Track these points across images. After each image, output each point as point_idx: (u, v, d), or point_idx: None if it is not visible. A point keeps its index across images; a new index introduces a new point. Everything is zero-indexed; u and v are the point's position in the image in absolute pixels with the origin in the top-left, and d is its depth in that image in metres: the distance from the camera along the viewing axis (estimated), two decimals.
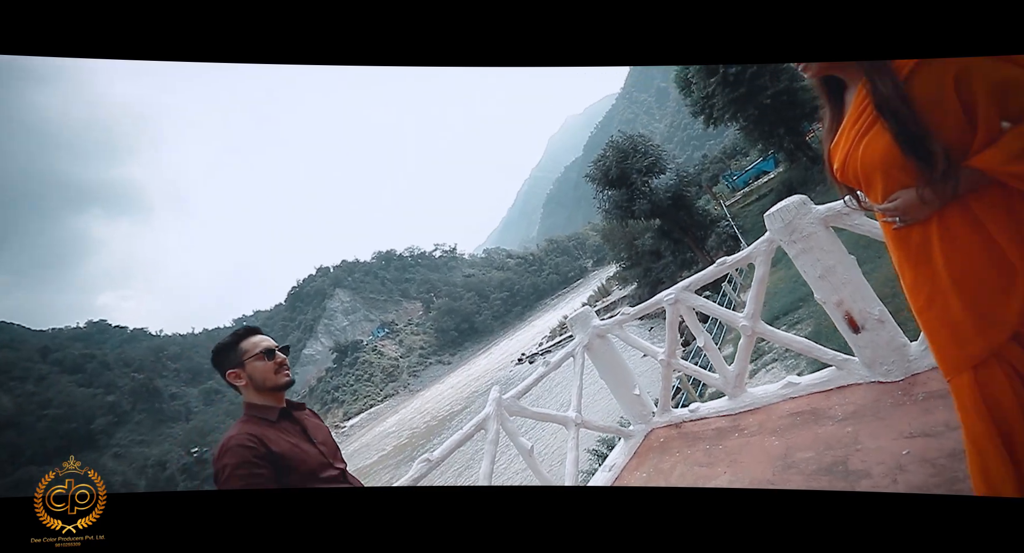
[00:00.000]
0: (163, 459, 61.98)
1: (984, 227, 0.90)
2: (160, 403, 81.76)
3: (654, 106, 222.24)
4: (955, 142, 0.89)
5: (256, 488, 1.19)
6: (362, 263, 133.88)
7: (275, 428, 1.30)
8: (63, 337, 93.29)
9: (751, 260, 2.51)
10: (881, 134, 0.94)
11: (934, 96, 0.90)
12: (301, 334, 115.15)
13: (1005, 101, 0.86)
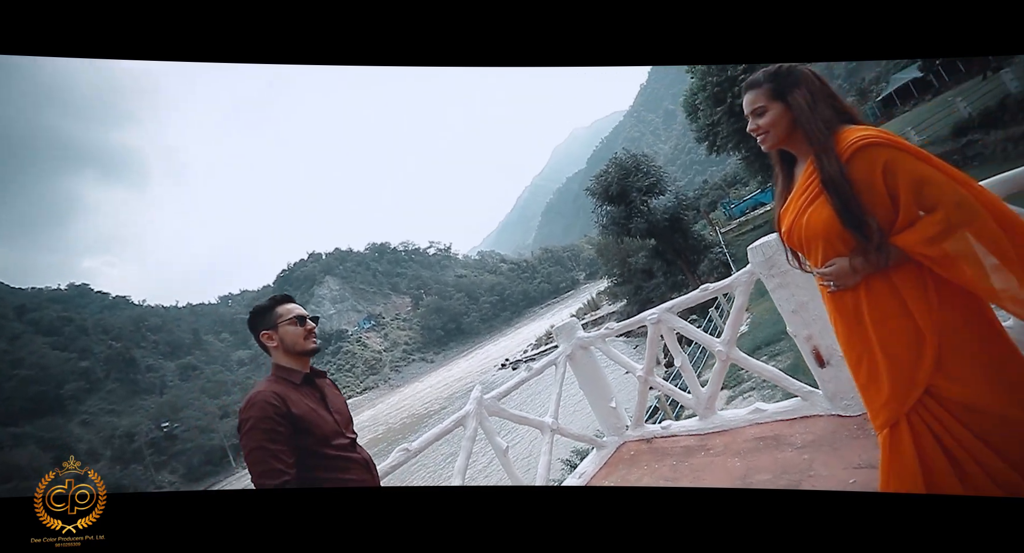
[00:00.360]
0: (132, 431, 60.93)
1: (902, 297, 1.05)
2: (135, 374, 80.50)
3: (661, 127, 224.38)
4: (883, 221, 1.03)
5: (266, 444, 1.27)
6: (355, 253, 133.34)
7: (297, 391, 1.39)
8: (42, 298, 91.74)
9: (732, 289, 2.65)
10: (824, 206, 1.08)
11: (868, 179, 1.02)
12: None
13: (920, 193, 1.00)
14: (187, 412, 67.13)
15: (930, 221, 1.00)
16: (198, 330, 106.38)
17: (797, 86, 1.14)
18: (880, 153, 1.03)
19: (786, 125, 1.16)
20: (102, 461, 57.72)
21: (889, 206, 1.04)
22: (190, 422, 65.28)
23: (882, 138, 1.04)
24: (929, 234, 0.99)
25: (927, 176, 1.01)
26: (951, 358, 1.02)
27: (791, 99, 1.14)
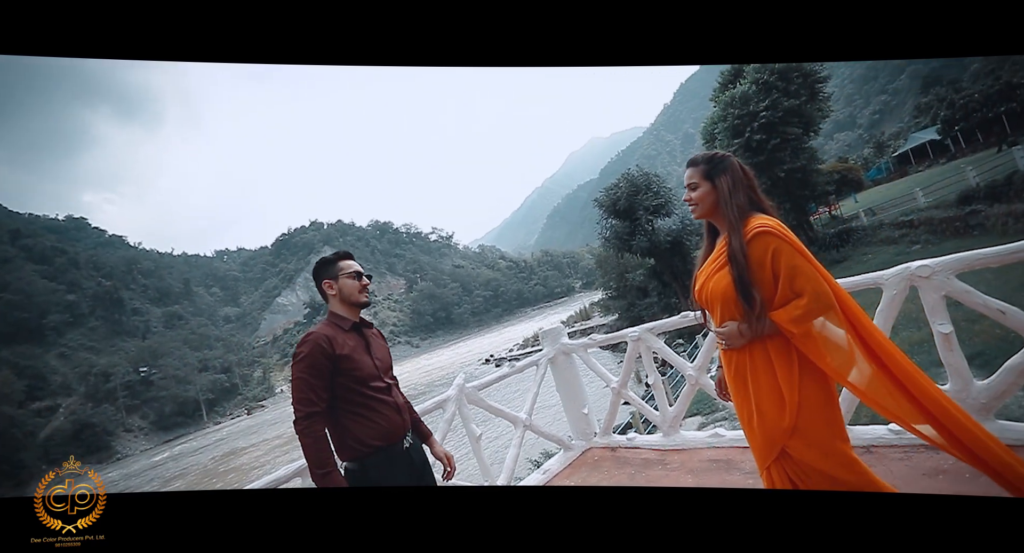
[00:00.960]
0: (109, 371, 60.74)
1: (772, 364, 1.29)
2: (120, 315, 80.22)
3: (678, 149, 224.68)
4: (766, 297, 1.25)
5: (313, 379, 1.51)
6: (356, 227, 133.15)
7: (345, 335, 1.62)
8: (38, 225, 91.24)
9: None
10: (726, 275, 1.32)
11: (760, 260, 1.25)
12: (279, 282, 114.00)
13: (793, 280, 1.24)
14: (167, 360, 66.93)
15: (796, 304, 1.23)
16: (190, 281, 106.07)
17: (724, 173, 1.38)
18: (771, 241, 1.26)
19: (711, 202, 1.39)
20: (74, 396, 57.57)
21: (772, 285, 1.26)
22: (168, 371, 65.10)
23: (776, 230, 1.27)
24: (794, 315, 1.23)
25: (800, 267, 1.24)
26: (807, 424, 1.25)
27: (717, 182, 1.38)
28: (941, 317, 1.98)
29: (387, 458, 1.60)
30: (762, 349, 1.29)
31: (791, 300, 1.24)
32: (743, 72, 21.32)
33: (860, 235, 20.37)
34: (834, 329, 1.22)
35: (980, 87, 37.95)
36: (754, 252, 1.27)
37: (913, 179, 33.67)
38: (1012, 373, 1.87)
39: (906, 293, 2.07)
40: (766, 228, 1.28)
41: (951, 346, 1.98)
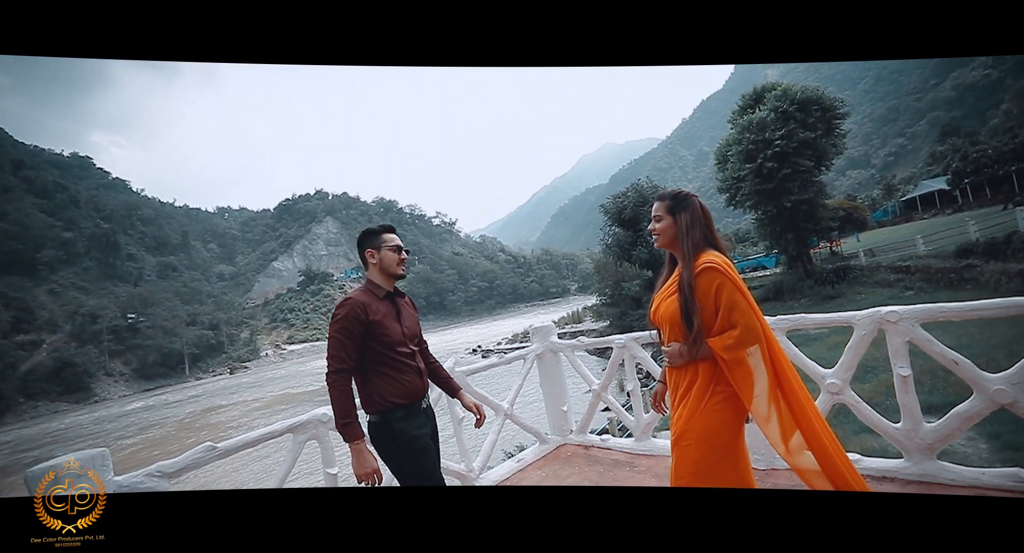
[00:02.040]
0: (97, 313, 60.55)
1: (704, 383, 1.48)
2: (115, 258, 79.91)
3: (690, 165, 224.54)
4: (707, 325, 1.44)
5: (347, 339, 1.69)
6: (361, 202, 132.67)
7: (379, 303, 1.80)
8: (42, 158, 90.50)
9: None
10: (675, 301, 1.51)
11: (705, 291, 1.44)
12: (277, 246, 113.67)
13: (730, 312, 1.42)
14: (156, 310, 66.75)
15: (730, 334, 1.42)
16: (188, 234, 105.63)
17: (685, 211, 1.56)
18: (716, 276, 1.45)
19: (671, 235, 1.59)
20: (59, 333, 57.45)
21: (712, 315, 1.45)
22: (156, 320, 64.94)
23: (721, 267, 1.44)
24: (726, 344, 1.42)
25: (737, 303, 1.43)
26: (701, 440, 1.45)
27: (678, 218, 1.57)
28: (902, 361, 2.15)
29: (406, 414, 1.78)
30: (694, 369, 1.49)
31: (726, 330, 1.43)
32: (763, 98, 21.39)
33: (857, 274, 20.58)
34: (759, 363, 1.41)
35: (996, 143, 38.20)
36: (700, 284, 1.46)
37: (916, 225, 33.93)
38: (958, 419, 2.05)
39: (874, 334, 2.24)
40: (713, 264, 1.46)
41: (907, 388, 2.16)
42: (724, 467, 1.44)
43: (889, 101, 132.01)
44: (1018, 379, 1.86)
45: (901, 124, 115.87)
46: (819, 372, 2.44)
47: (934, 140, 74.24)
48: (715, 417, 1.45)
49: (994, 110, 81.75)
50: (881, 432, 2.27)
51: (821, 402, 2.47)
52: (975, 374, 1.95)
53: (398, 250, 1.88)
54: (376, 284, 1.86)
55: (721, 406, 1.45)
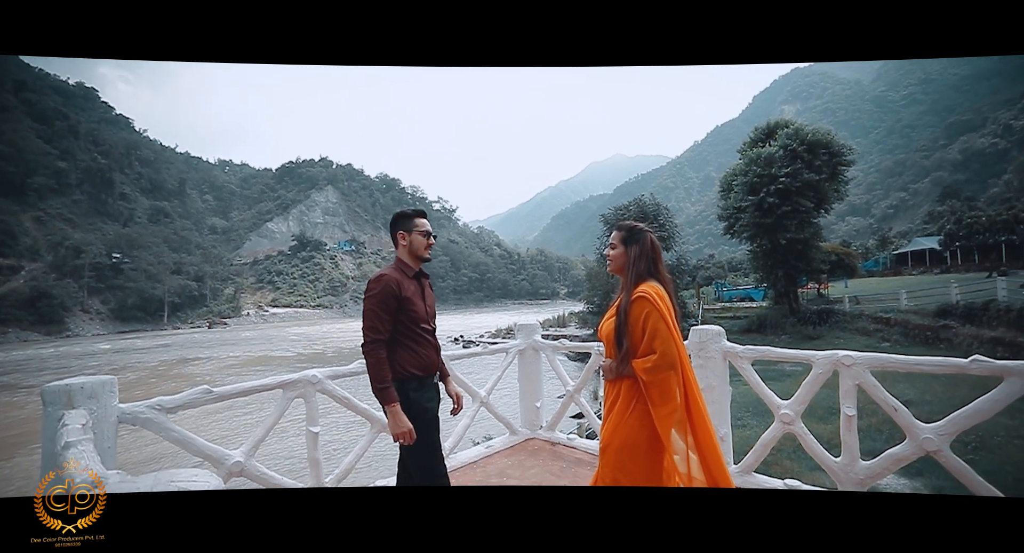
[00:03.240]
0: (81, 247, 59.62)
1: (624, 395, 1.68)
2: (107, 195, 78.66)
3: (695, 188, 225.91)
4: (634, 346, 1.63)
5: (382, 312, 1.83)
6: (364, 175, 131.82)
7: (408, 281, 1.94)
8: (46, 82, 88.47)
9: None
10: (613, 320, 1.71)
11: (636, 317, 1.63)
12: (274, 207, 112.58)
13: (653, 338, 1.60)
14: (142, 253, 65.84)
15: (649, 358, 1.61)
16: (185, 182, 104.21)
17: (636, 244, 1.76)
18: (646, 305, 1.64)
19: (620, 263, 1.80)
20: (39, 262, 56.54)
21: (640, 339, 1.64)
22: (141, 264, 64.06)
23: (652, 297, 1.63)
24: (645, 366, 1.62)
25: (660, 330, 1.61)
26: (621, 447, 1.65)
27: (629, 249, 1.77)
28: (850, 402, 2.36)
29: (421, 386, 1.94)
30: (620, 384, 1.70)
31: (648, 354, 1.62)
32: (775, 134, 21.71)
33: (839, 319, 21.02)
34: (674, 387, 1.60)
35: (991, 211, 39.06)
36: (633, 310, 1.66)
37: (903, 280, 34.68)
38: (889, 460, 2.26)
39: (829, 374, 2.45)
40: (645, 295, 1.65)
41: (851, 427, 2.37)
42: (640, 477, 1.63)
43: (897, 154, 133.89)
44: (945, 430, 2.07)
45: (905, 179, 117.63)
46: (775, 402, 2.65)
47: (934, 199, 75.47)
48: (634, 429, 1.63)
49: (996, 179, 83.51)
50: (821, 463, 2.48)
51: (773, 429, 2.67)
52: (910, 422, 2.16)
53: (427, 235, 2.01)
54: (405, 264, 1.99)
55: (640, 420, 1.63)
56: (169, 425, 2.06)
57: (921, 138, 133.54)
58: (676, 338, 1.64)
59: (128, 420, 1.94)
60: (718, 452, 1.67)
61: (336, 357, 28.48)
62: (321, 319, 75.87)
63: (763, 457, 2.78)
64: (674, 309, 1.69)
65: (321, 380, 2.63)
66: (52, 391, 1.75)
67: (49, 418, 1.71)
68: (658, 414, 1.59)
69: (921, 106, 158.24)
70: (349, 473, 2.71)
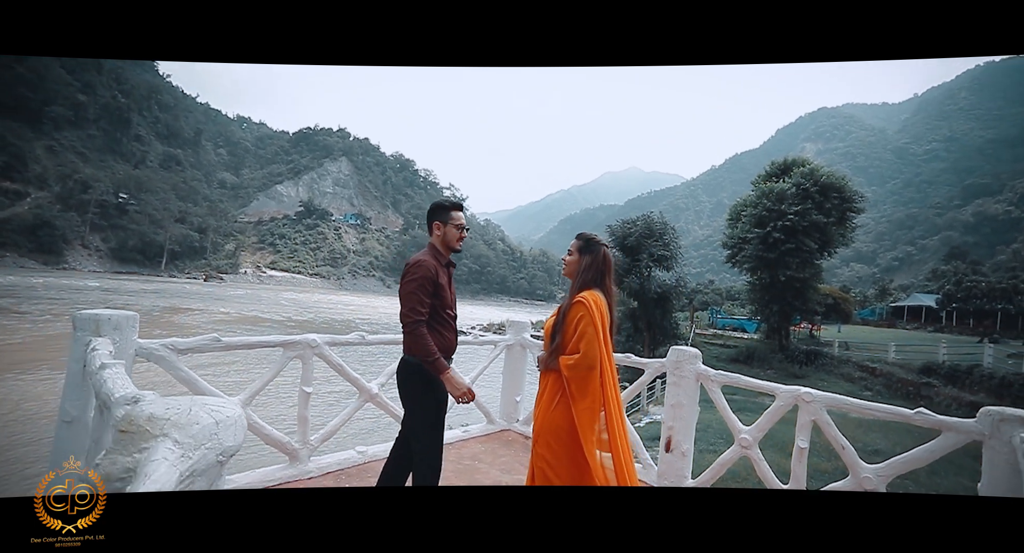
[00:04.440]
0: (90, 183, 59.64)
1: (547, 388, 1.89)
2: (122, 135, 78.55)
3: (705, 213, 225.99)
4: (565, 343, 1.83)
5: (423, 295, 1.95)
6: (379, 152, 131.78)
7: (441, 268, 2.07)
8: None
9: (647, 368, 3.40)
10: (554, 318, 1.93)
11: (572, 318, 1.83)
12: (286, 171, 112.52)
13: (581, 339, 1.79)
14: (148, 197, 65.94)
15: (573, 357, 1.80)
16: (202, 133, 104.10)
17: (590, 254, 1.95)
18: (582, 309, 1.82)
19: (573, 268, 1.97)
20: (46, 191, 56.58)
21: (571, 338, 1.83)
22: (146, 207, 64.18)
23: (587, 303, 1.82)
24: (568, 363, 1.82)
25: (587, 333, 1.79)
26: (549, 433, 1.84)
27: (583, 257, 1.94)
28: (804, 435, 2.54)
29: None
30: (549, 376, 1.90)
31: (574, 353, 1.81)
32: (790, 171, 21.84)
33: (826, 362, 21.23)
34: (592, 385, 1.80)
35: (993, 278, 39.28)
36: (570, 312, 1.85)
37: (896, 333, 34.88)
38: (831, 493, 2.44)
39: (789, 407, 2.63)
40: (584, 300, 1.83)
41: (801, 459, 2.55)
42: (565, 462, 1.81)
43: (911, 208, 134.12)
44: (883, 472, 2.25)
45: (915, 233, 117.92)
46: (737, 427, 2.82)
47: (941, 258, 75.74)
48: (558, 419, 1.81)
49: (1005, 246, 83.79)
50: (769, 488, 2.66)
51: (731, 451, 2.85)
52: (854, 461, 2.34)
53: (461, 229, 2.16)
54: (439, 252, 2.12)
55: (564, 412, 1.81)
56: (179, 365, 2.23)
57: (937, 195, 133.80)
58: (602, 343, 1.81)
59: (144, 355, 2.11)
60: (628, 453, 1.86)
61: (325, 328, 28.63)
62: (316, 288, 76.04)
63: (719, 475, 2.95)
64: (610, 318, 1.89)
65: (320, 345, 2.80)
66: (83, 318, 1.92)
67: (77, 342, 1.88)
68: (576, 408, 1.78)
69: (942, 163, 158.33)
70: (333, 434, 2.89)
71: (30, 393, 9.60)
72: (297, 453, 2.69)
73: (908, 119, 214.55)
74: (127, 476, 0.87)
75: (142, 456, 0.88)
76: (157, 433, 0.91)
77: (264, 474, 2.60)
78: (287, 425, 2.90)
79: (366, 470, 2.90)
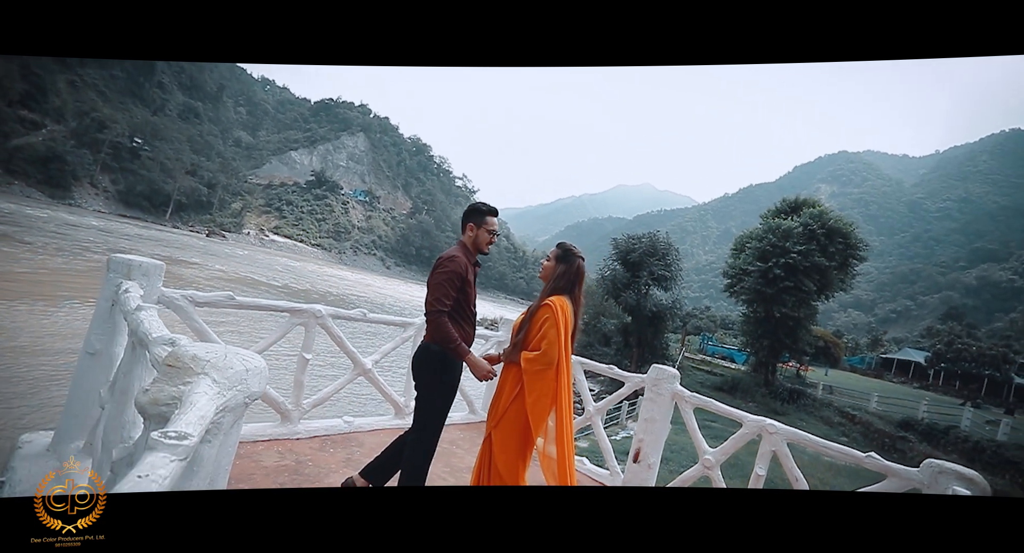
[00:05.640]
0: (106, 123, 59.48)
1: (507, 380, 2.06)
2: (145, 80, 78.42)
3: (712, 238, 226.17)
4: (528, 340, 2.01)
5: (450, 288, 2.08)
6: (398, 133, 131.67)
7: (470, 267, 2.21)
8: None
9: (628, 381, 3.56)
10: (523, 316, 2.12)
11: (538, 319, 2.01)
12: (303, 138, 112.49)
13: (543, 339, 1.96)
14: (163, 145, 65.86)
15: (533, 352, 2.00)
16: (224, 89, 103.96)
17: (566, 263, 2.12)
18: (548, 311, 2.00)
19: (547, 273, 2.16)
20: (62, 125, 56.54)
21: (534, 335, 2.03)
22: (159, 155, 64.09)
23: (554, 307, 2.00)
24: (528, 357, 2.00)
25: (550, 335, 1.97)
26: (504, 423, 2.02)
27: (558, 265, 2.11)
28: (763, 463, 2.70)
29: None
30: (512, 368, 2.06)
31: (535, 351, 1.98)
32: (800, 210, 22.00)
33: (808, 403, 21.43)
34: (546, 382, 1.98)
35: (986, 344, 39.45)
36: (538, 312, 2.04)
37: (881, 384, 35.10)
38: None
39: (753, 436, 2.79)
40: (552, 304, 2.02)
41: (757, 484, 2.71)
42: (514, 445, 2.01)
43: (916, 263, 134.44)
44: None
45: (916, 288, 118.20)
46: (703, 447, 2.98)
47: (938, 316, 75.89)
48: (516, 410, 2.00)
49: (1003, 314, 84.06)
50: None
51: (694, 469, 3.01)
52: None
53: (492, 234, 2.27)
54: (469, 250, 2.25)
55: (521, 403, 1.99)
56: (195, 315, 2.38)
57: (944, 254, 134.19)
58: (562, 346, 1.99)
59: (165, 302, 2.27)
60: (571, 449, 2.04)
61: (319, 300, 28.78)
62: (316, 259, 76.11)
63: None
64: (573, 325, 2.07)
65: (324, 316, 2.96)
66: (118, 261, 2.07)
67: (109, 282, 2.04)
68: (529, 400, 1.96)
69: (953, 223, 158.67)
70: (325, 401, 3.05)
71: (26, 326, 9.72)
72: (289, 414, 2.85)
73: (926, 175, 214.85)
74: (172, 402, 1.02)
75: (186, 388, 1.03)
76: (199, 371, 1.07)
77: (256, 429, 2.76)
78: (280, 387, 3.05)
79: (350, 439, 3.06)
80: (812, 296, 21.11)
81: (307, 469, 2.55)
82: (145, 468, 0.73)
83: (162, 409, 1.03)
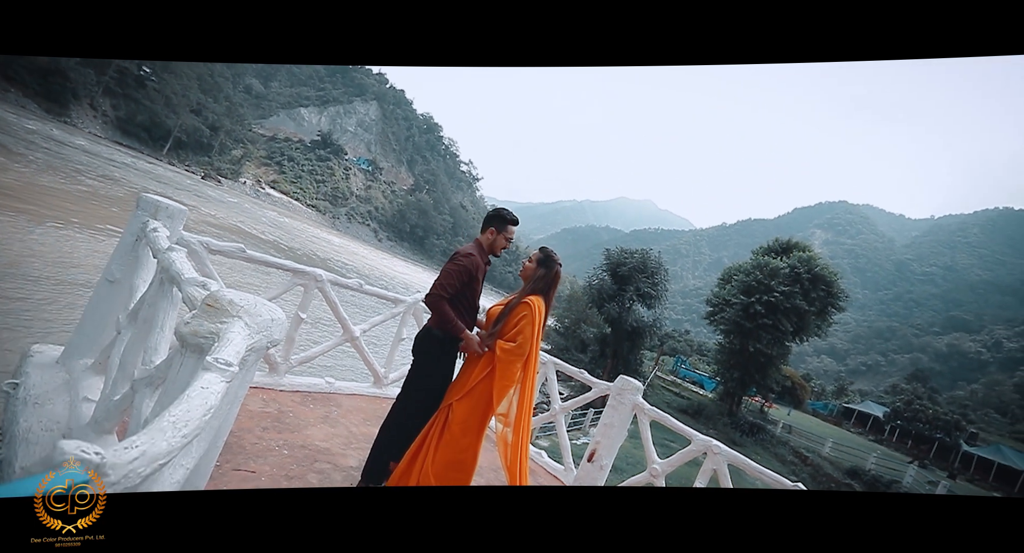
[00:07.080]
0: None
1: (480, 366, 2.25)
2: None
3: (703, 265, 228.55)
4: (504, 330, 2.21)
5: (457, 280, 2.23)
6: (412, 109, 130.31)
7: (481, 264, 2.37)
8: None
9: (595, 387, 3.78)
10: (502, 307, 2.32)
11: (516, 314, 2.22)
12: (315, 96, 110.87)
13: (518, 333, 2.18)
14: (171, 79, 64.07)
15: (508, 343, 2.21)
16: None
17: (546, 268, 2.33)
18: (527, 309, 2.21)
19: (528, 275, 2.37)
20: None
21: (510, 328, 2.21)
22: (166, 88, 62.15)
23: (534, 307, 2.20)
24: (504, 346, 2.21)
25: (525, 330, 2.20)
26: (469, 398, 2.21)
27: (538, 269, 2.32)
28: (703, 480, 2.94)
29: (454, 344, 2.34)
30: (490, 356, 2.24)
31: (510, 341, 2.20)
32: (790, 252, 22.51)
33: (766, 438, 22.01)
34: (515, 370, 2.21)
35: (942, 409, 40.70)
36: (518, 307, 2.26)
37: (838, 431, 36.07)
38: None
39: (699, 453, 3.03)
40: (531, 303, 2.24)
41: None
42: (476, 419, 2.20)
43: (893, 321, 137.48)
44: None
45: (890, 345, 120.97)
46: (653, 457, 3.21)
47: (904, 376, 77.84)
48: (481, 387, 2.20)
49: (965, 383, 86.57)
50: None
51: (641, 476, 3.24)
52: None
53: (509, 241, 2.46)
54: (483, 250, 2.41)
55: (489, 383, 2.20)
56: (207, 261, 2.53)
57: (921, 317, 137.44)
58: (534, 342, 2.22)
59: (183, 245, 2.40)
60: (527, 434, 2.28)
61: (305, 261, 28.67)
62: (308, 220, 75.39)
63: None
64: (544, 323, 2.28)
65: (324, 281, 3.12)
66: (147, 201, 2.21)
67: (136, 218, 2.18)
68: (496, 384, 2.18)
69: (935, 288, 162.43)
70: (311, 361, 3.21)
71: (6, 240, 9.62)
72: (277, 367, 3.01)
73: (918, 237, 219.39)
74: (210, 337, 1.19)
75: (223, 326, 1.21)
76: (234, 314, 1.24)
77: None
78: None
79: (329, 399, 3.23)
80: (788, 336, 21.66)
81: (288, 419, 2.72)
82: (205, 382, 0.90)
83: (200, 341, 1.20)
